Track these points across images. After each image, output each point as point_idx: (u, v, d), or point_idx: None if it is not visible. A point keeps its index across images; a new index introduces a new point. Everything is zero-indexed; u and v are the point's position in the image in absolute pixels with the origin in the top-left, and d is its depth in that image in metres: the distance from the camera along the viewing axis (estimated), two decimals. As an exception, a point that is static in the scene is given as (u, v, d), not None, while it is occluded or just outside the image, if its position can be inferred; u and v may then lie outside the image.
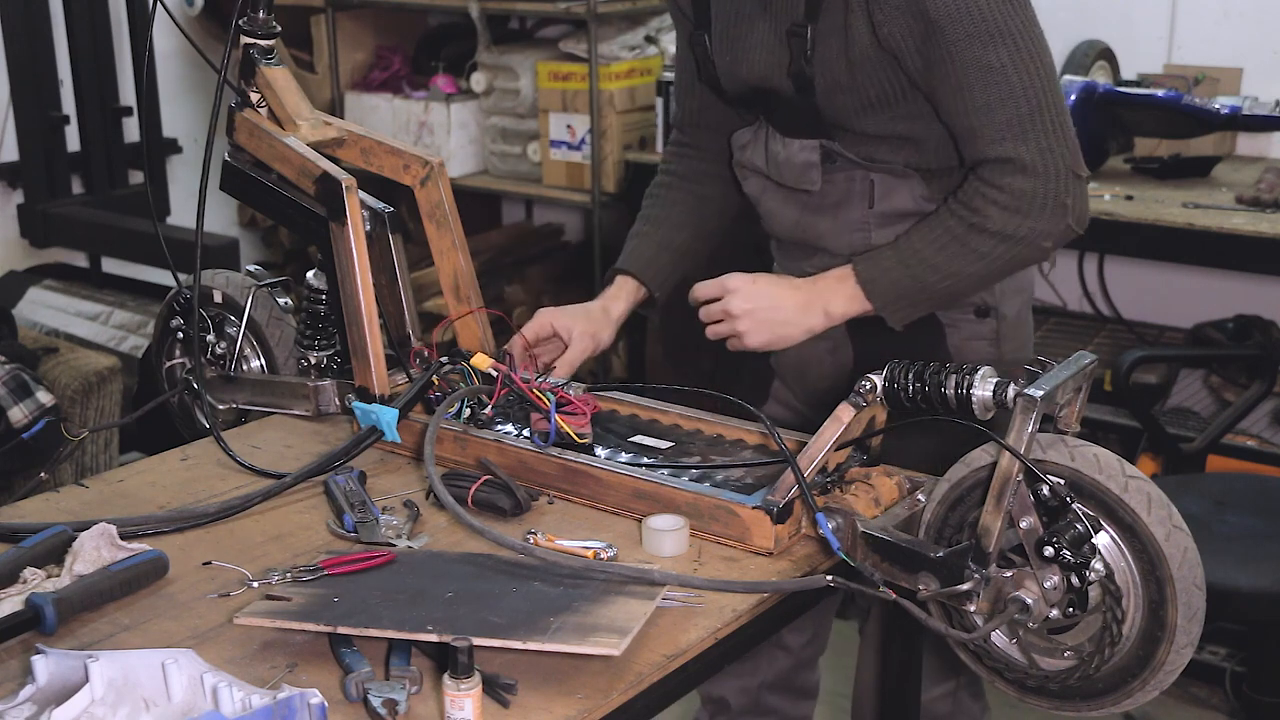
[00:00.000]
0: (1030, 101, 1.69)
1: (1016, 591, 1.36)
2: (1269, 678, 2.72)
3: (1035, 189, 1.70)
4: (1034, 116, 1.70)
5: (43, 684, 1.22)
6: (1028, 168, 1.70)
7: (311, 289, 1.89)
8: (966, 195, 1.74)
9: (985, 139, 1.71)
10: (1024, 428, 1.34)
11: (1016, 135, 1.70)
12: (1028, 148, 1.70)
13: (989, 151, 1.71)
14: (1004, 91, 1.69)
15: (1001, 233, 1.72)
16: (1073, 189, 1.72)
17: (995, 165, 1.71)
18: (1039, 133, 1.70)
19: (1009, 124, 1.70)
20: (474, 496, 1.59)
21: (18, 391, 2.89)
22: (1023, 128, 1.70)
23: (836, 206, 1.88)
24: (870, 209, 1.86)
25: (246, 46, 1.84)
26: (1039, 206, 1.70)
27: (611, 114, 3.74)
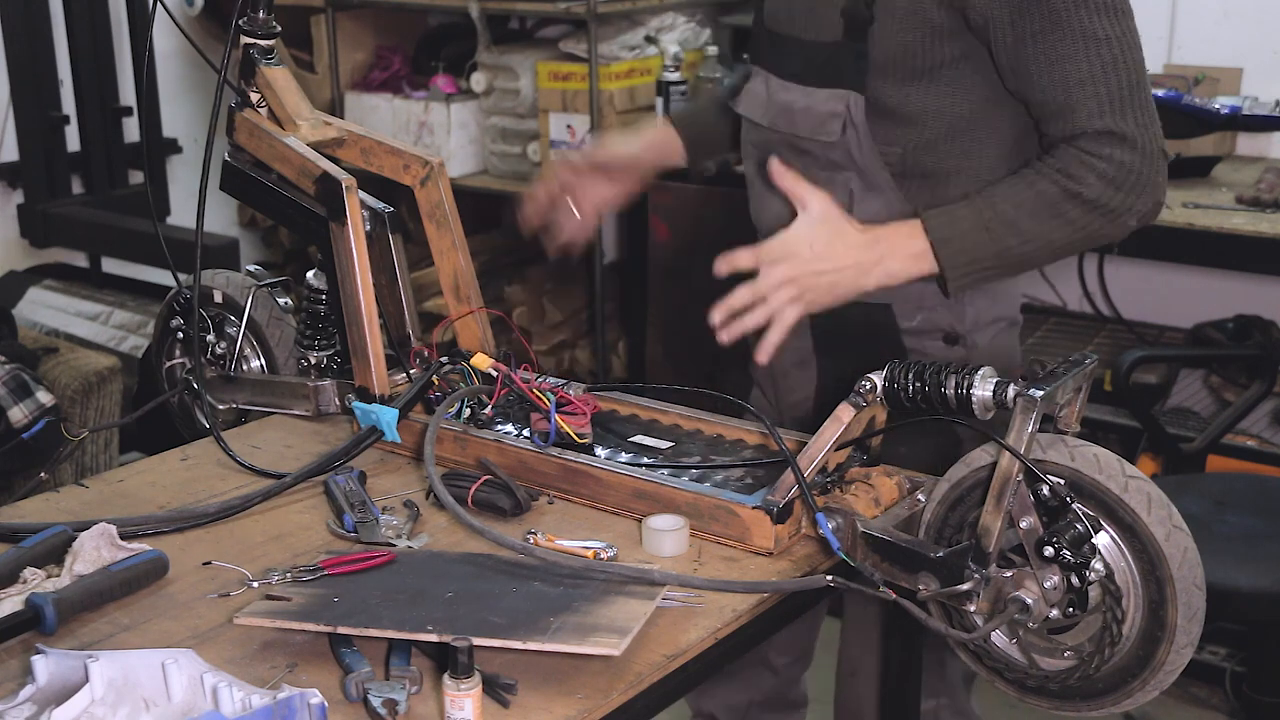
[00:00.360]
0: (1131, 75, 1.67)
1: (1016, 591, 1.36)
2: (1269, 678, 2.72)
3: (1135, 163, 1.67)
4: (1134, 91, 1.68)
5: (43, 684, 1.22)
6: (1129, 141, 1.67)
7: (311, 289, 1.89)
8: (1063, 162, 1.69)
9: (1086, 112, 1.67)
10: (1024, 428, 1.34)
11: (1119, 109, 1.67)
12: (1129, 122, 1.67)
13: (1091, 124, 1.67)
14: (1109, 63, 1.66)
15: (1097, 202, 1.68)
16: (1163, 168, 1.71)
17: (1096, 138, 1.68)
18: (1139, 107, 1.68)
19: (1112, 97, 1.67)
20: (474, 496, 1.59)
21: (18, 391, 2.89)
22: (1124, 102, 1.67)
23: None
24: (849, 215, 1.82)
25: (246, 46, 1.84)
26: (1136, 182, 1.68)
27: (611, 114, 3.73)
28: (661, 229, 3.76)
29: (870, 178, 1.81)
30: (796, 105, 1.84)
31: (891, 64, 1.74)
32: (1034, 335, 3.62)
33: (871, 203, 1.81)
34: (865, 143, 1.79)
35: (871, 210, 1.80)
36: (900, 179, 1.80)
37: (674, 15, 3.91)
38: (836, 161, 1.82)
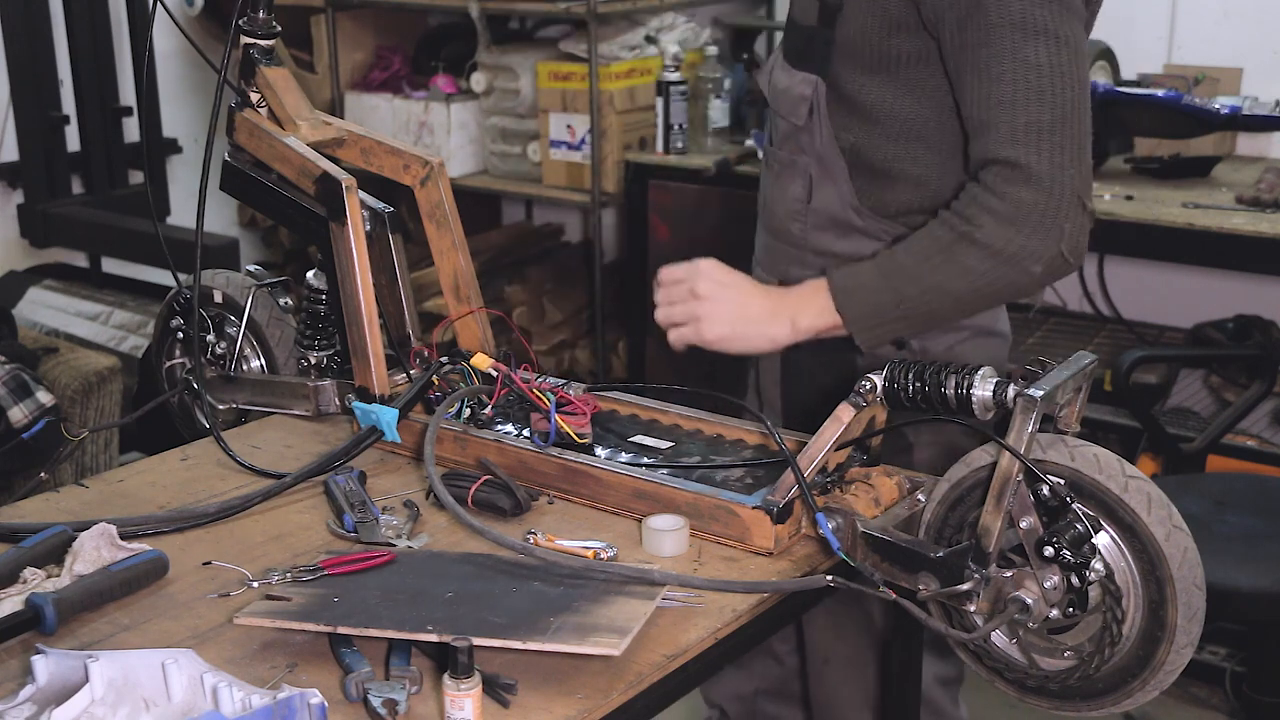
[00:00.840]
0: (1056, 110, 1.60)
1: (1016, 591, 1.36)
2: (1269, 678, 2.72)
3: (1036, 202, 1.60)
4: (1055, 127, 1.61)
5: (43, 684, 1.22)
6: (1034, 177, 1.60)
7: (311, 289, 1.89)
8: (961, 204, 1.66)
9: (999, 137, 1.62)
10: (1024, 428, 1.34)
11: (1033, 141, 1.60)
12: (1040, 157, 1.60)
13: (999, 151, 1.62)
14: (1033, 91, 1.60)
15: (991, 246, 1.62)
16: (1073, 215, 1.62)
17: (1001, 169, 1.62)
18: (1056, 146, 1.61)
19: (1028, 127, 1.61)
20: (474, 496, 1.59)
21: (18, 391, 2.89)
22: (1040, 135, 1.60)
23: (785, 180, 1.88)
24: (808, 204, 1.85)
25: (246, 46, 1.84)
26: (1035, 222, 1.61)
27: (611, 114, 3.74)
28: (661, 229, 3.77)
29: (827, 165, 1.82)
30: (780, 85, 1.87)
31: (853, 51, 1.74)
32: (1034, 335, 3.62)
33: (826, 191, 1.83)
34: (824, 129, 1.80)
35: (824, 199, 1.84)
36: (852, 170, 1.81)
37: (674, 15, 3.91)
38: (802, 145, 1.85)
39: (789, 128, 1.86)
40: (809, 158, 1.84)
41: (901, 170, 1.78)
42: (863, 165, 1.80)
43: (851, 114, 1.78)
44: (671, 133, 3.68)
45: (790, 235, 1.90)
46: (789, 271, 1.91)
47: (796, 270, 1.89)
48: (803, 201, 1.87)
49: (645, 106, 3.79)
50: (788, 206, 1.89)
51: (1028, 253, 1.62)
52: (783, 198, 1.90)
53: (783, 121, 1.87)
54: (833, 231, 1.85)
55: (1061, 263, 1.64)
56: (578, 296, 4.22)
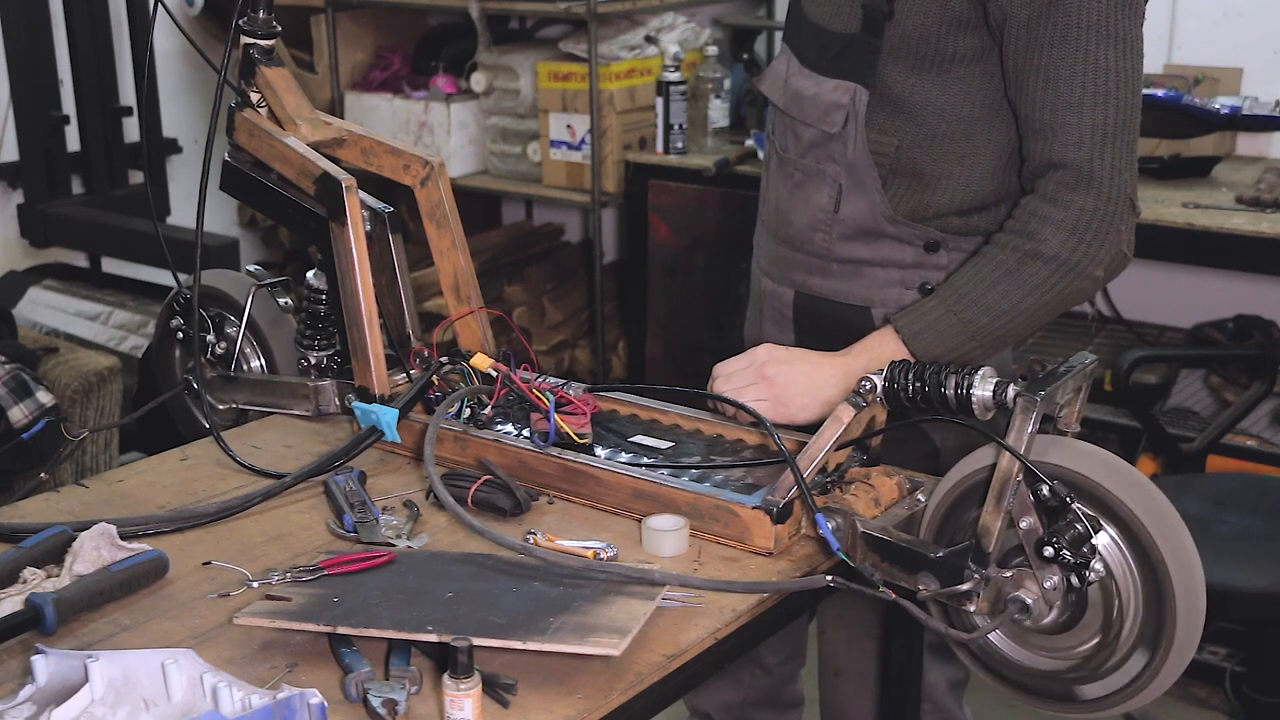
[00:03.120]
0: (1120, 114, 1.63)
1: (1016, 592, 1.36)
2: (1269, 678, 2.72)
3: (1096, 208, 1.63)
4: (1119, 131, 1.63)
5: (42, 684, 1.22)
6: (1095, 182, 1.63)
7: (311, 289, 1.89)
8: (1021, 220, 1.67)
9: (1066, 139, 1.64)
10: (1024, 428, 1.34)
11: (1097, 143, 1.63)
12: (1103, 161, 1.63)
13: (1065, 154, 1.64)
14: (1100, 94, 1.62)
15: (1057, 258, 1.64)
16: (1128, 216, 1.66)
17: (1064, 174, 1.64)
18: (1117, 149, 1.63)
19: (1094, 129, 1.62)
20: (474, 496, 1.59)
21: (18, 391, 2.89)
22: (1105, 139, 1.63)
23: (809, 192, 1.85)
24: (835, 213, 1.83)
25: (246, 47, 1.84)
26: (1095, 228, 1.64)
27: (611, 114, 3.74)
28: (661, 229, 3.77)
29: (858, 175, 1.80)
30: (806, 92, 1.84)
31: (906, 50, 1.72)
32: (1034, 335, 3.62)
33: (857, 201, 1.81)
34: (860, 139, 1.78)
35: (854, 208, 1.81)
36: (889, 177, 1.79)
37: (674, 15, 3.91)
38: (831, 154, 1.82)
39: (817, 136, 1.83)
40: (838, 166, 1.81)
41: (946, 171, 1.77)
42: (904, 168, 1.78)
43: (897, 116, 1.76)
44: (671, 133, 3.67)
45: (812, 245, 1.87)
46: (807, 282, 1.89)
47: (817, 280, 1.87)
48: (829, 211, 1.83)
49: (645, 106, 3.79)
50: (812, 217, 1.86)
51: (1090, 258, 1.65)
52: (805, 208, 1.86)
53: (809, 130, 1.84)
54: (860, 240, 1.82)
55: (1121, 260, 1.69)
56: (578, 296, 4.22)
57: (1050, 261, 1.65)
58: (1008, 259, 1.67)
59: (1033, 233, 1.66)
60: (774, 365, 1.71)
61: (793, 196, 1.89)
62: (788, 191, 1.89)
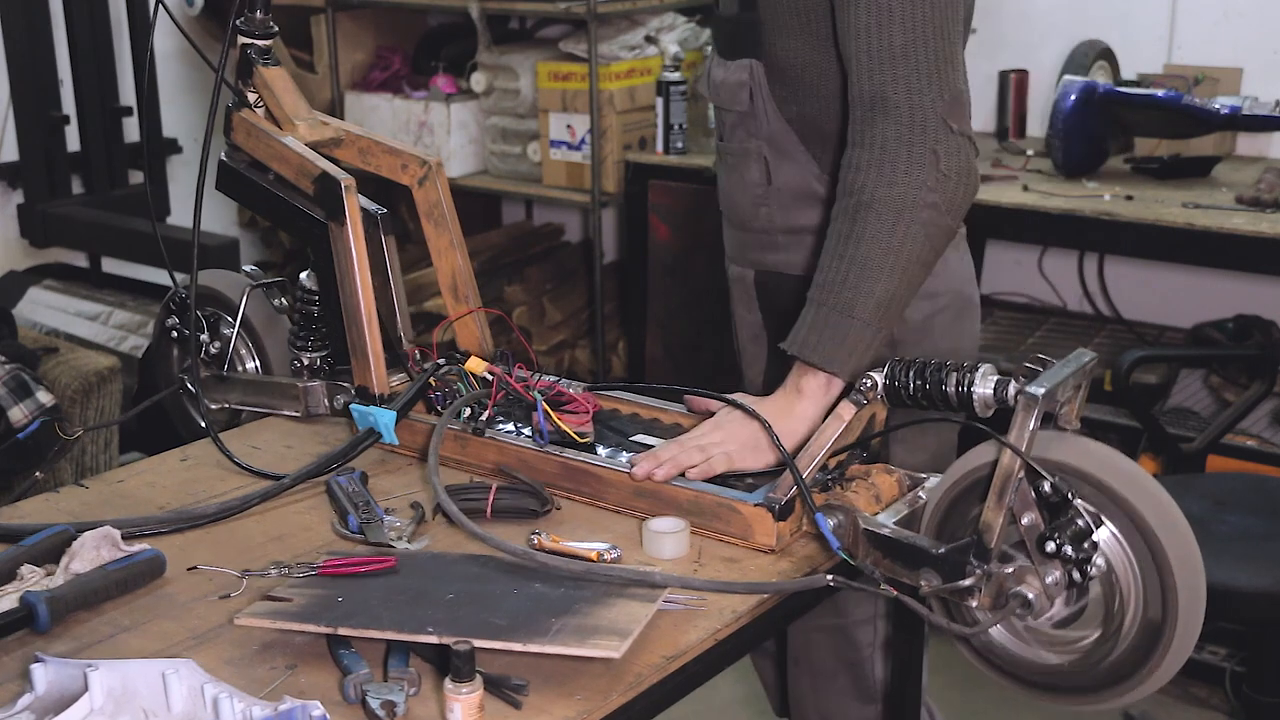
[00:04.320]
0: (907, 33, 1.56)
1: (1018, 587, 1.36)
2: (1269, 678, 2.71)
3: (899, 135, 1.56)
4: (908, 51, 1.56)
5: (41, 692, 1.21)
6: (890, 109, 1.56)
7: (305, 290, 1.88)
8: (842, 180, 1.61)
9: (859, 69, 1.59)
10: (1025, 425, 1.34)
11: (885, 67, 1.56)
12: (895, 86, 1.56)
13: (861, 85, 1.59)
14: (884, 14, 1.56)
15: (879, 199, 1.56)
16: (942, 138, 1.56)
17: (862, 111, 1.59)
18: (910, 71, 1.56)
19: (880, 54, 1.56)
20: (494, 506, 1.58)
21: (18, 391, 2.89)
22: (894, 61, 1.56)
23: (741, 169, 1.87)
24: (770, 185, 1.84)
25: (244, 46, 1.83)
26: (904, 157, 1.55)
27: (611, 114, 3.73)
28: (661, 229, 3.76)
29: (779, 143, 1.82)
30: (717, 78, 1.87)
31: (775, 17, 1.73)
32: (1034, 335, 3.62)
33: (785, 169, 1.82)
34: (770, 108, 1.80)
35: (785, 176, 1.82)
36: (808, 142, 1.80)
37: (674, 15, 3.91)
38: (751, 131, 1.84)
39: (734, 118, 1.86)
40: (759, 141, 1.83)
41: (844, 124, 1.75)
42: (812, 132, 1.79)
43: (788, 85, 1.77)
44: (671, 133, 3.67)
45: (757, 222, 1.88)
46: (762, 260, 1.90)
47: (770, 255, 1.89)
48: (763, 185, 1.85)
49: (645, 106, 3.79)
50: (750, 194, 1.88)
51: (913, 189, 1.56)
52: (742, 186, 1.89)
53: (727, 113, 1.87)
54: (799, 207, 1.83)
55: (952, 184, 1.58)
56: (578, 296, 4.22)
57: (875, 205, 1.56)
58: (843, 225, 1.59)
59: (851, 185, 1.59)
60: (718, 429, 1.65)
61: (730, 179, 1.91)
62: (726, 176, 1.92)
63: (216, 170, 1.87)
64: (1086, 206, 3.00)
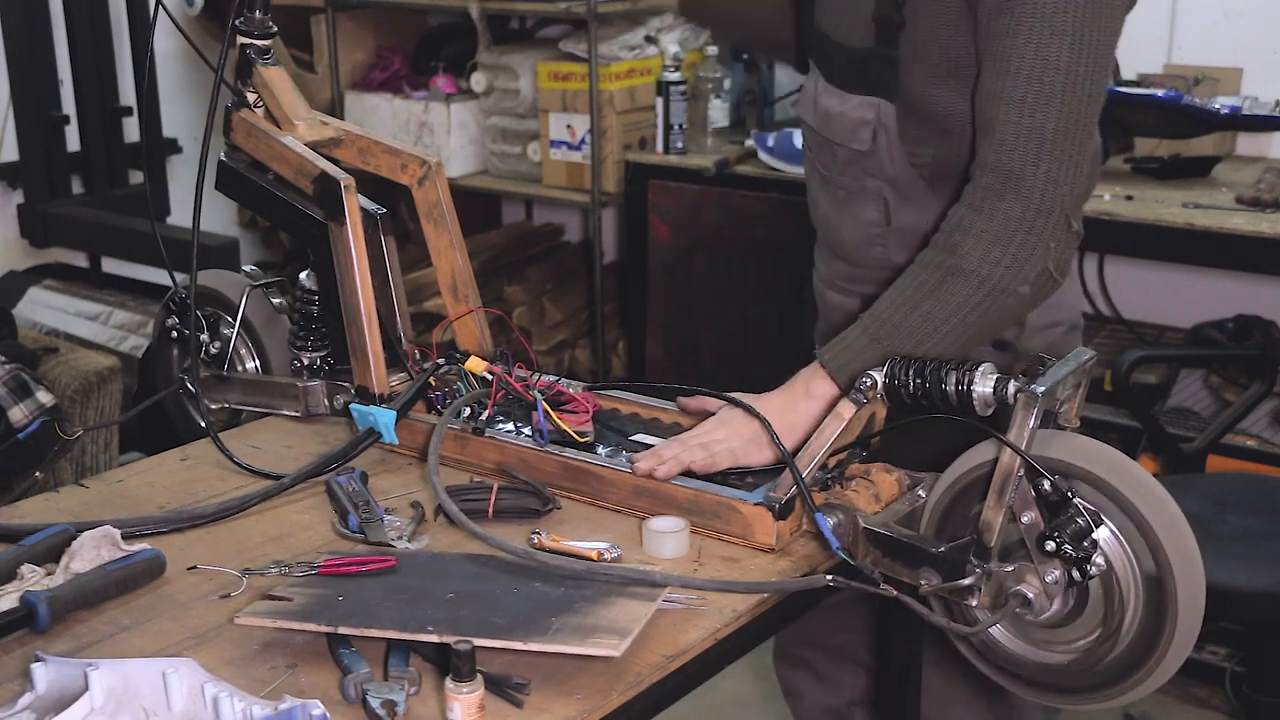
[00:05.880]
0: (1064, 120, 1.52)
1: (1018, 586, 1.36)
2: (1269, 678, 2.71)
3: (1023, 217, 1.52)
4: (1060, 138, 1.52)
5: (41, 692, 1.21)
6: (1024, 188, 1.53)
7: (304, 290, 1.88)
8: (944, 233, 1.58)
9: (999, 140, 1.54)
10: (1025, 423, 1.34)
11: (1032, 148, 1.52)
12: (1036, 168, 1.52)
13: (996, 157, 1.54)
14: (1045, 95, 1.51)
15: (978, 273, 1.53)
16: (1059, 234, 1.54)
17: (992, 179, 1.55)
18: (1055, 158, 1.53)
19: (1031, 132, 1.52)
20: (496, 506, 1.57)
21: (18, 391, 2.89)
22: (1042, 143, 1.52)
23: (856, 209, 1.83)
24: (888, 226, 1.80)
25: (243, 46, 1.83)
26: (1021, 242, 1.53)
27: (611, 114, 3.73)
28: (662, 229, 3.77)
29: (902, 187, 1.77)
30: (833, 110, 1.80)
31: (922, 58, 1.67)
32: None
33: (907, 212, 1.78)
34: (896, 151, 1.74)
35: (906, 218, 1.78)
36: (935, 183, 1.74)
37: (674, 15, 3.91)
38: (868, 170, 1.79)
39: (848, 154, 1.79)
40: (879, 181, 1.78)
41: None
42: (946, 175, 1.72)
43: (925, 127, 1.71)
44: (671, 133, 3.67)
45: (870, 259, 1.84)
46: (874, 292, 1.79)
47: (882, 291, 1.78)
48: (881, 225, 1.81)
49: (645, 106, 3.79)
50: (864, 232, 1.83)
51: (1014, 273, 1.54)
52: (855, 224, 1.83)
53: (839, 147, 1.80)
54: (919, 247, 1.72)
55: (1048, 280, 1.57)
56: (578, 296, 4.22)
57: (971, 277, 1.54)
58: (929, 278, 1.57)
59: (955, 246, 1.55)
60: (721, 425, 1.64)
61: (840, 213, 1.86)
62: (835, 209, 1.87)
63: (216, 170, 1.87)
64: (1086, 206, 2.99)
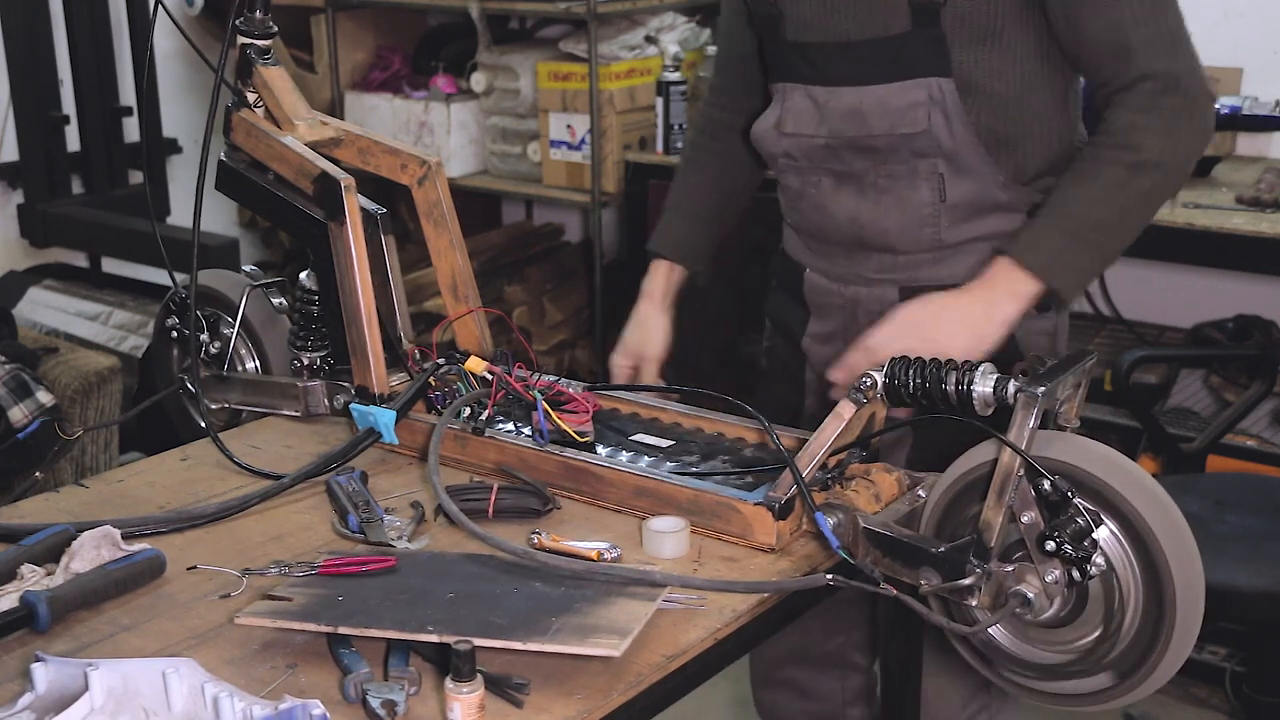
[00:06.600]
0: (1174, 16, 1.73)
1: (1018, 586, 1.36)
2: (1269, 678, 2.71)
3: (1185, 106, 1.72)
4: (1180, 32, 1.73)
5: (41, 692, 1.21)
6: (1181, 84, 1.71)
7: (305, 290, 1.88)
8: (1119, 135, 1.74)
9: (1144, 54, 1.71)
10: (1025, 423, 1.34)
11: (1171, 49, 1.72)
12: (1181, 63, 1.72)
13: (1151, 65, 1.71)
14: (1157, 5, 1.72)
15: (1162, 164, 1.72)
16: (1210, 106, 1.75)
17: (1152, 84, 1.72)
18: (1186, 49, 1.73)
19: (1164, 36, 1.72)
20: (496, 506, 1.58)
21: (18, 391, 2.89)
22: (1176, 42, 1.72)
23: (903, 194, 1.83)
24: (942, 202, 1.83)
25: (243, 46, 1.83)
26: (1187, 126, 1.73)
27: (611, 114, 3.73)
28: (661, 229, 3.76)
29: (960, 159, 1.81)
30: (865, 105, 1.81)
31: (964, 30, 1.76)
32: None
33: (964, 183, 1.82)
34: (956, 124, 1.79)
35: (963, 191, 1.82)
36: (992, 153, 1.81)
37: (674, 15, 3.91)
38: (920, 150, 1.81)
39: (895, 140, 1.80)
40: (933, 159, 1.81)
41: (1024, 129, 1.82)
42: (999, 141, 1.82)
43: (979, 96, 1.79)
44: (671, 133, 3.67)
45: (919, 242, 1.85)
46: (917, 276, 1.87)
47: (927, 271, 1.87)
48: (934, 203, 1.83)
49: (645, 106, 3.79)
50: (915, 215, 1.84)
51: (1189, 156, 1.76)
52: (902, 210, 1.84)
53: (882, 139, 1.81)
54: (972, 220, 1.84)
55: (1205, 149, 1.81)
56: (578, 296, 4.22)
57: (1156, 169, 1.72)
58: (1117, 173, 1.73)
59: (1136, 144, 1.72)
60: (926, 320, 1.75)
61: (879, 205, 1.86)
62: (870, 203, 1.86)
63: (216, 170, 1.87)
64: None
